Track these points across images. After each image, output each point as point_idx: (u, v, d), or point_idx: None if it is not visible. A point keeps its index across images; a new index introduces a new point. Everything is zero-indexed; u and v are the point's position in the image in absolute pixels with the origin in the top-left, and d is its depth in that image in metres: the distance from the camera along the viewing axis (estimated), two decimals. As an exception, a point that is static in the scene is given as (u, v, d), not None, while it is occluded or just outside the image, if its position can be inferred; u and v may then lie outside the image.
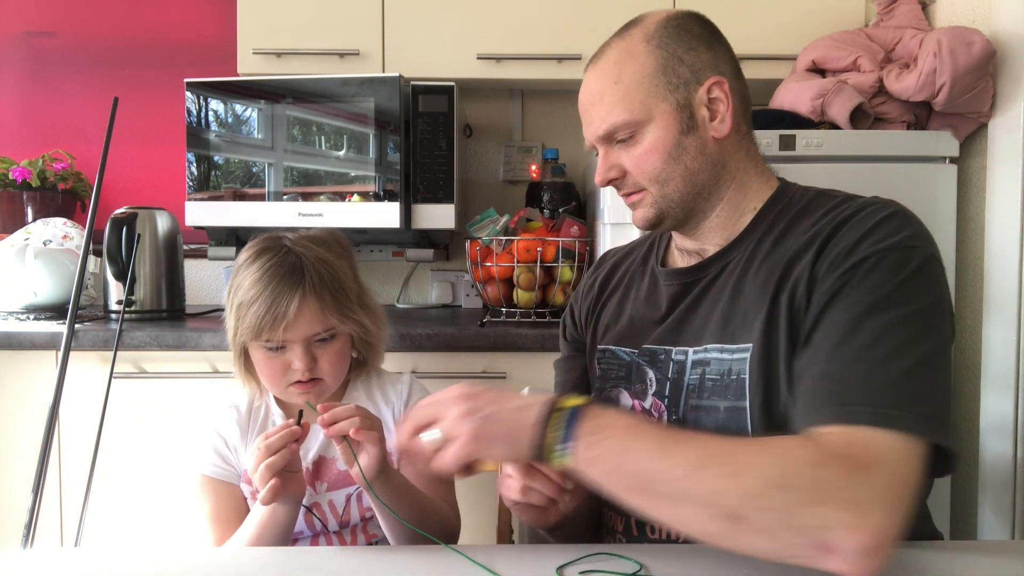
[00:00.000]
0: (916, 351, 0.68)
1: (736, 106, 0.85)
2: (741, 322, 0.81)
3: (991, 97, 1.43)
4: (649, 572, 0.69)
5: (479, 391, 0.71)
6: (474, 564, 0.70)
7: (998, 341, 1.42)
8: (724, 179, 0.87)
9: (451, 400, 0.71)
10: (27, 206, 2.01)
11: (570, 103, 2.17)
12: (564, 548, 0.74)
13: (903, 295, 0.71)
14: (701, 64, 0.84)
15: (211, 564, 0.74)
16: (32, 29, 2.13)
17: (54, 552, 0.76)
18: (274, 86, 1.73)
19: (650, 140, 0.84)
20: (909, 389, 0.66)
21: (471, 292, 2.14)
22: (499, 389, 0.72)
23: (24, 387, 1.53)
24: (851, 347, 0.70)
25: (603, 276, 1.05)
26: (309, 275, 0.99)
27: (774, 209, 0.87)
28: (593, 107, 0.87)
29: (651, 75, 0.84)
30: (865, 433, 0.64)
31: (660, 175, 0.85)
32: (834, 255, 0.76)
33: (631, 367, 0.91)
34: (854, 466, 0.61)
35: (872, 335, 0.69)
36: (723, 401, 0.80)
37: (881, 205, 0.79)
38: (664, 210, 0.87)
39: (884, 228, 0.76)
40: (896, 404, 0.65)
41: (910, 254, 0.73)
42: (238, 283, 1.02)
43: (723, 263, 0.87)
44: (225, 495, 1.05)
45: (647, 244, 1.03)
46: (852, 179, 1.44)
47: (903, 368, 0.67)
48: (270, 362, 1.01)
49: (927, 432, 0.65)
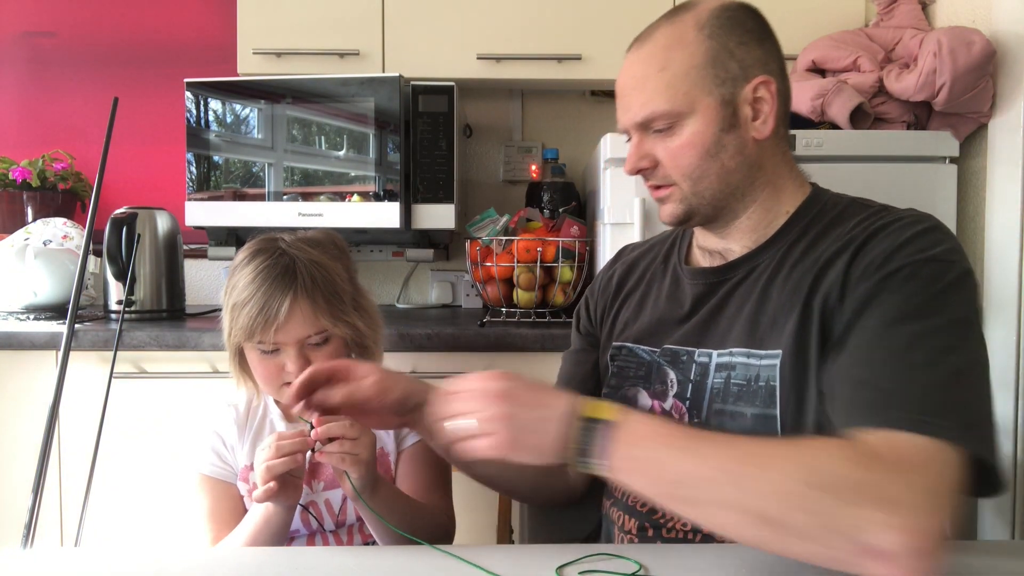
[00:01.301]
0: (951, 360, 0.67)
1: (779, 108, 0.83)
2: (769, 327, 0.79)
3: (991, 97, 1.43)
4: (649, 572, 0.69)
5: (516, 390, 0.69)
6: (474, 565, 0.70)
7: (998, 341, 1.42)
8: (759, 181, 0.85)
9: (488, 396, 0.68)
10: (27, 206, 2.01)
11: (570, 103, 2.20)
12: (564, 548, 0.74)
13: (938, 305, 0.69)
14: (751, 60, 0.82)
15: (211, 564, 0.74)
16: (32, 29, 2.13)
17: (54, 552, 0.76)
18: (274, 86, 1.73)
19: (689, 134, 0.82)
20: (947, 397, 0.65)
21: (471, 292, 2.14)
22: (532, 385, 0.70)
23: (24, 387, 1.53)
24: (883, 352, 0.68)
25: (621, 272, 1.02)
26: (301, 277, 0.98)
27: (807, 215, 0.85)
28: (634, 92, 0.84)
29: (699, 66, 0.81)
30: (906, 438, 0.62)
31: (695, 171, 0.83)
32: (867, 262, 0.74)
33: (651, 366, 0.89)
34: (896, 467, 0.59)
35: (906, 341, 0.68)
36: (750, 408, 0.78)
37: (919, 217, 0.77)
38: (694, 207, 0.85)
39: (921, 240, 0.74)
40: (935, 411, 0.63)
41: (947, 267, 0.72)
42: (233, 283, 1.02)
43: (752, 265, 0.85)
44: (222, 494, 1.05)
45: (669, 241, 1.01)
46: (852, 179, 1.44)
47: (940, 375, 0.66)
48: (264, 364, 1.01)
49: (968, 443, 0.62)
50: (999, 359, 1.42)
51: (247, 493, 1.05)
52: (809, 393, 0.75)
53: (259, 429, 1.08)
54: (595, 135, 1.67)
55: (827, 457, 0.60)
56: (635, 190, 1.46)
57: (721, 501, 0.62)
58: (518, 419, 0.67)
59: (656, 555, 0.72)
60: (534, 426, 0.67)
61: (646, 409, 0.90)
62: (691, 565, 0.71)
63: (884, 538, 0.56)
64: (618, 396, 0.92)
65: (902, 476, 0.59)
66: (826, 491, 0.58)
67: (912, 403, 0.64)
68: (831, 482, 0.58)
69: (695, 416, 0.83)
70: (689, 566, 0.71)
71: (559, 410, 0.68)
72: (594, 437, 0.66)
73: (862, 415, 0.66)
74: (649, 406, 0.89)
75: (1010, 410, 1.38)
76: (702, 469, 0.62)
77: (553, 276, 1.69)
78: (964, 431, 0.63)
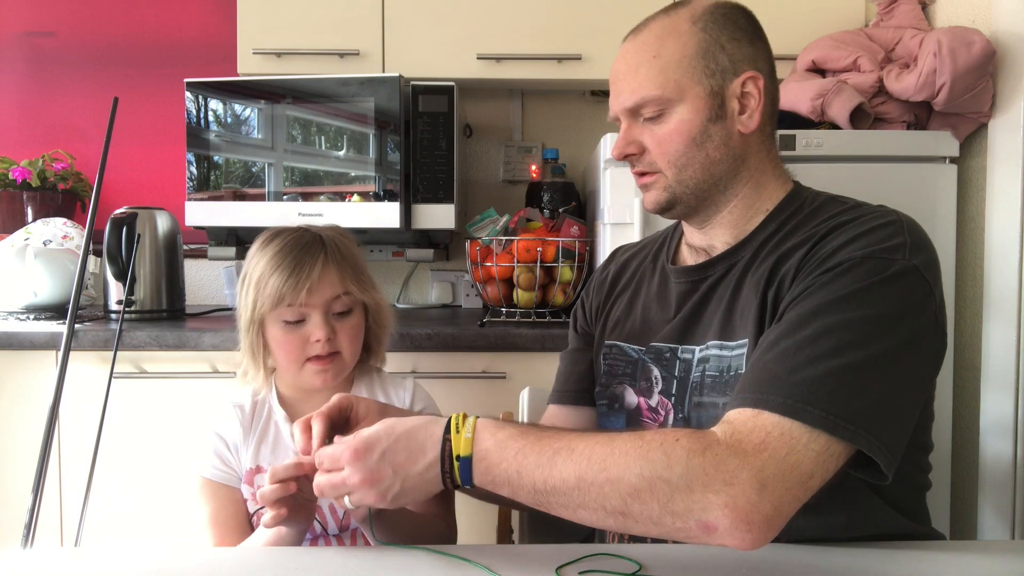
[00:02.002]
0: (856, 354, 0.68)
1: (766, 106, 0.85)
2: (740, 319, 0.82)
3: (991, 97, 1.43)
4: (649, 572, 0.69)
5: (382, 471, 0.71)
6: (474, 564, 0.70)
7: (998, 341, 1.42)
8: (742, 175, 0.87)
9: (357, 479, 0.71)
10: (27, 206, 2.01)
11: (570, 103, 2.20)
12: (564, 548, 0.74)
13: (863, 299, 0.71)
14: (741, 56, 0.84)
15: (211, 564, 0.74)
16: (32, 29, 2.13)
17: (54, 552, 0.76)
18: (274, 86, 1.73)
19: (676, 121, 0.84)
20: (830, 387, 0.67)
21: (471, 292, 2.14)
22: (391, 451, 0.72)
23: (24, 387, 1.53)
24: (791, 340, 0.70)
25: (614, 272, 1.05)
26: (329, 246, 1.04)
27: (785, 212, 0.87)
28: (625, 78, 0.86)
29: (691, 56, 0.83)
30: (774, 420, 0.66)
31: (680, 159, 0.85)
32: (818, 257, 0.76)
33: (637, 364, 0.92)
34: (731, 451, 0.64)
35: (815, 332, 0.70)
36: (722, 398, 0.80)
37: (881, 213, 0.79)
38: (677, 195, 0.87)
39: (873, 235, 0.75)
40: (814, 400, 0.66)
41: (888, 263, 0.73)
42: (254, 264, 1.04)
43: (731, 262, 0.87)
44: (224, 498, 1.04)
45: (659, 241, 1.03)
46: (852, 179, 1.44)
47: (834, 367, 0.67)
48: (288, 337, 1.02)
49: (833, 430, 0.65)
50: (999, 359, 1.42)
51: (251, 496, 1.05)
52: None
53: (263, 430, 1.07)
54: (595, 135, 1.67)
55: (665, 450, 0.65)
56: (635, 190, 1.45)
57: (576, 503, 0.67)
58: (385, 487, 0.71)
59: (656, 555, 0.73)
60: (405, 487, 0.72)
61: (633, 406, 0.92)
62: (691, 565, 0.71)
63: (716, 515, 0.63)
64: (607, 394, 0.96)
65: (737, 458, 0.64)
66: (663, 482, 0.64)
67: (794, 389, 0.67)
68: (666, 474, 0.64)
69: (679, 411, 0.86)
70: (689, 566, 0.71)
71: (424, 459, 0.72)
72: (462, 473, 0.71)
73: (745, 394, 0.69)
74: (636, 403, 0.92)
75: (1010, 410, 1.38)
76: (554, 479, 0.67)
77: (553, 276, 1.69)
78: (833, 419, 0.65)
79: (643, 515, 0.65)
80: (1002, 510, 1.40)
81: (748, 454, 0.64)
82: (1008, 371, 1.39)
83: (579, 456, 0.67)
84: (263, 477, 1.01)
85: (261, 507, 1.02)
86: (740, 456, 0.64)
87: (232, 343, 1.49)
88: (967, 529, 1.49)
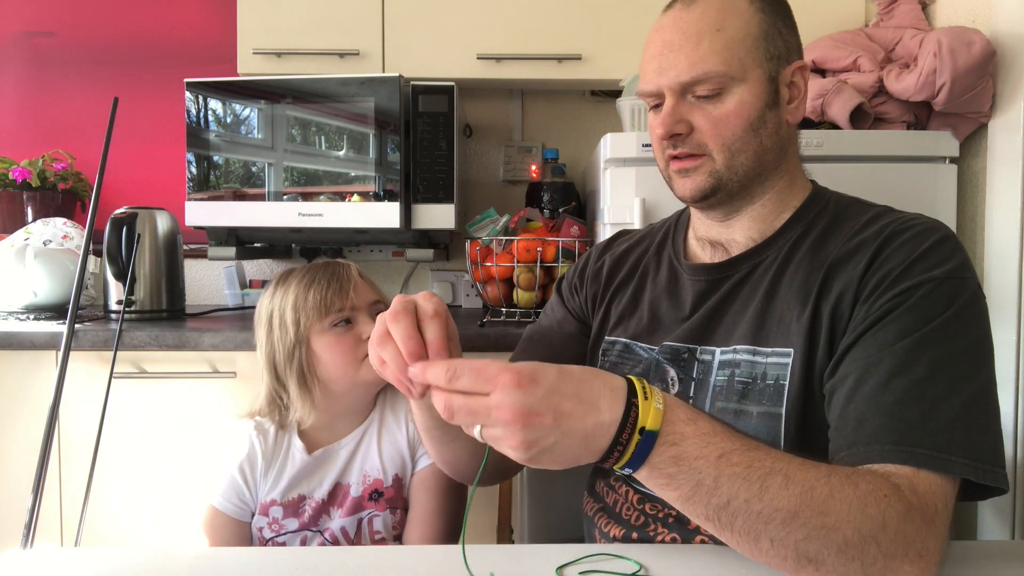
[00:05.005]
0: (969, 388, 0.68)
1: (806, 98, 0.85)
2: (776, 325, 0.78)
3: (991, 97, 1.43)
4: (649, 572, 0.69)
5: (542, 415, 0.56)
6: (474, 565, 0.70)
7: (998, 341, 1.40)
8: (782, 167, 0.85)
9: (508, 414, 0.56)
10: (27, 206, 2.01)
11: (570, 103, 2.20)
12: (564, 548, 0.74)
13: (954, 329, 0.70)
14: (794, 44, 0.83)
15: (211, 564, 0.74)
16: (32, 29, 2.13)
17: (54, 552, 0.76)
18: (274, 86, 1.73)
19: (736, 102, 0.79)
20: (965, 430, 0.66)
21: (471, 292, 2.14)
22: (559, 393, 0.57)
23: (24, 387, 1.53)
24: (907, 380, 0.68)
25: (612, 262, 0.99)
26: (351, 265, 1.11)
27: (811, 211, 0.84)
28: (682, 49, 0.79)
29: (755, 36, 0.79)
30: (929, 481, 0.64)
31: (736, 142, 0.80)
32: (883, 273, 0.73)
33: (649, 364, 0.87)
34: (924, 520, 0.62)
35: (929, 370, 0.68)
36: (757, 406, 0.77)
37: (932, 225, 0.77)
38: (723, 182, 0.81)
39: (936, 254, 0.74)
40: (951, 448, 0.65)
41: (962, 286, 0.72)
42: (280, 297, 1.06)
43: (755, 261, 0.84)
44: (231, 534, 1.05)
45: (661, 232, 0.98)
46: (852, 179, 1.44)
47: (957, 407, 0.67)
48: (342, 339, 1.04)
49: (981, 476, 0.65)
50: (999, 359, 1.40)
51: (267, 526, 1.05)
52: (815, 394, 0.75)
53: (281, 465, 1.07)
54: (595, 135, 1.67)
55: (881, 508, 0.61)
56: (635, 190, 1.46)
57: (770, 537, 0.60)
58: (541, 446, 0.57)
59: (656, 555, 0.72)
60: (562, 449, 0.58)
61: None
62: (691, 565, 0.71)
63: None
64: None
65: (929, 527, 0.62)
66: (877, 543, 0.60)
67: (934, 439, 0.65)
68: (881, 536, 0.60)
69: None
70: (689, 566, 0.71)
71: (597, 423, 0.58)
72: (638, 451, 0.58)
73: (886, 446, 0.66)
74: None
75: (1010, 410, 1.38)
76: (757, 504, 0.59)
77: (553, 276, 1.69)
78: (977, 466, 0.65)
79: (836, 569, 0.60)
80: (1002, 510, 1.40)
81: (932, 523, 0.62)
82: (1008, 371, 1.39)
83: (796, 487, 0.60)
84: (278, 509, 1.03)
85: (275, 535, 1.04)
86: (928, 525, 0.62)
87: (232, 343, 1.50)
88: (967, 529, 1.49)
